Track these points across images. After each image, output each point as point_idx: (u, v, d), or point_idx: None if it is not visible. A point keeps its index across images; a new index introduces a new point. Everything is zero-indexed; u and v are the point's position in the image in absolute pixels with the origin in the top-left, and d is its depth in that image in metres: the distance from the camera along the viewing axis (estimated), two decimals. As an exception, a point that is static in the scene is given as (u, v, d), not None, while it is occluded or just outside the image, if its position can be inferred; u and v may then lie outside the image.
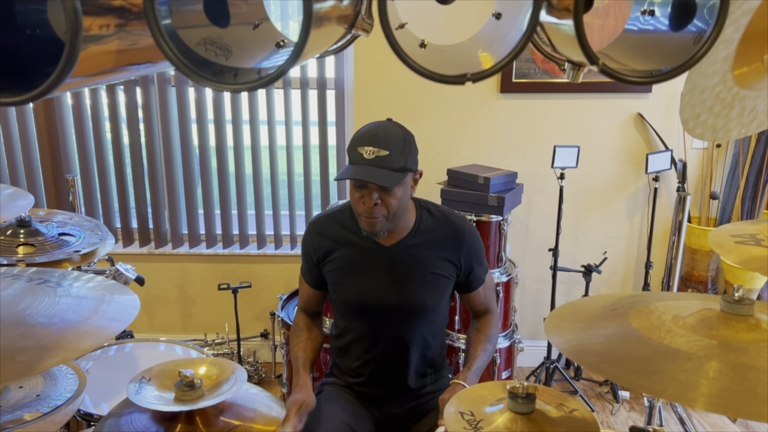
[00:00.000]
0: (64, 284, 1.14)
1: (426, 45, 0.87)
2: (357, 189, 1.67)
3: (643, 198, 3.27)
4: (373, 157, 1.62)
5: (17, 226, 1.81)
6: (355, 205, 1.70)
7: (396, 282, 1.78)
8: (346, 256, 1.81)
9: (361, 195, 1.66)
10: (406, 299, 1.78)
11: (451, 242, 1.80)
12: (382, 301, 1.78)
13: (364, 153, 1.62)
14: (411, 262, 1.78)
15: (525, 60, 3.08)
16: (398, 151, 1.64)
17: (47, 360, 0.88)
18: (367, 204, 1.65)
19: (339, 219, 1.85)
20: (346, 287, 1.83)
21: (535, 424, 1.10)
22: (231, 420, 1.16)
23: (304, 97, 3.15)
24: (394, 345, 1.81)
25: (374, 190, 1.64)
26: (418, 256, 1.79)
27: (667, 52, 0.85)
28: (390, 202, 1.66)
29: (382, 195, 1.65)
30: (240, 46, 0.79)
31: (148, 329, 3.49)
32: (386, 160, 1.62)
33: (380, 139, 1.64)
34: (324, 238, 1.83)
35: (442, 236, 1.81)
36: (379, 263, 1.79)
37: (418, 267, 1.78)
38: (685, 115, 1.18)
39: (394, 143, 1.65)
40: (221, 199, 3.32)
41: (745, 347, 0.92)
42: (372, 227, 1.69)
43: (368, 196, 1.65)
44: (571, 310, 1.14)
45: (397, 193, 1.67)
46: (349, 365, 1.88)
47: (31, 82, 0.62)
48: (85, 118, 3.20)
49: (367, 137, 1.65)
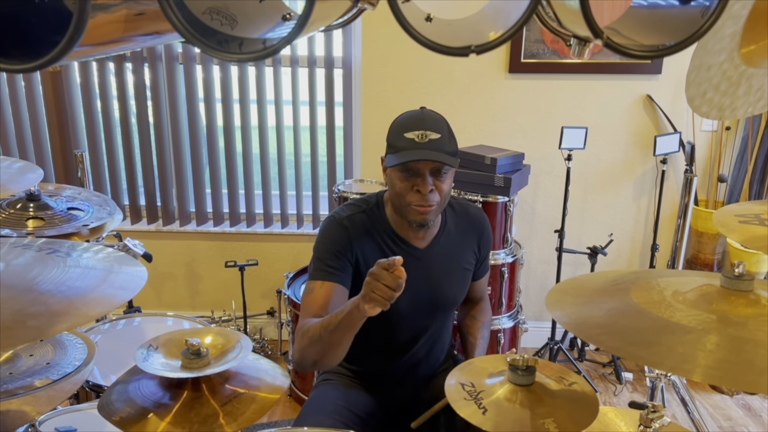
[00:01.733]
0: (73, 254, 1.16)
1: (432, 19, 0.87)
2: (407, 177, 1.56)
3: (651, 180, 3.26)
4: (427, 141, 1.52)
5: (27, 200, 1.83)
6: (405, 195, 1.58)
7: (430, 283, 1.71)
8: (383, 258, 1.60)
9: (413, 183, 1.56)
10: (438, 298, 1.73)
11: (473, 234, 1.79)
12: (412, 304, 1.66)
13: (414, 137, 1.53)
14: (446, 261, 1.73)
15: (534, 40, 3.06)
16: (448, 134, 1.58)
17: (57, 325, 0.90)
18: (423, 191, 1.55)
19: (370, 219, 1.69)
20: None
21: (535, 396, 1.12)
22: (236, 388, 1.18)
23: (312, 76, 3.15)
24: (412, 341, 1.75)
25: (428, 175, 1.55)
26: (450, 254, 1.74)
27: (675, 27, 0.85)
28: (443, 188, 1.58)
29: (436, 181, 1.56)
30: (246, 16, 0.79)
31: (156, 305, 3.53)
32: (440, 143, 1.54)
33: (429, 122, 1.56)
34: (359, 240, 1.65)
35: (465, 230, 1.78)
36: (415, 266, 1.63)
37: (452, 265, 1.74)
38: (690, 93, 1.18)
39: (443, 127, 1.57)
40: (228, 178, 3.34)
41: (743, 321, 0.93)
42: (425, 216, 1.59)
43: (423, 183, 1.55)
44: (573, 285, 1.15)
45: (448, 179, 1.60)
46: (360, 359, 1.80)
47: (39, 51, 0.63)
48: (93, 95, 3.22)
49: (413, 121, 1.56)
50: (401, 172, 1.57)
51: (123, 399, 1.16)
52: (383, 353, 1.77)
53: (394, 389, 1.80)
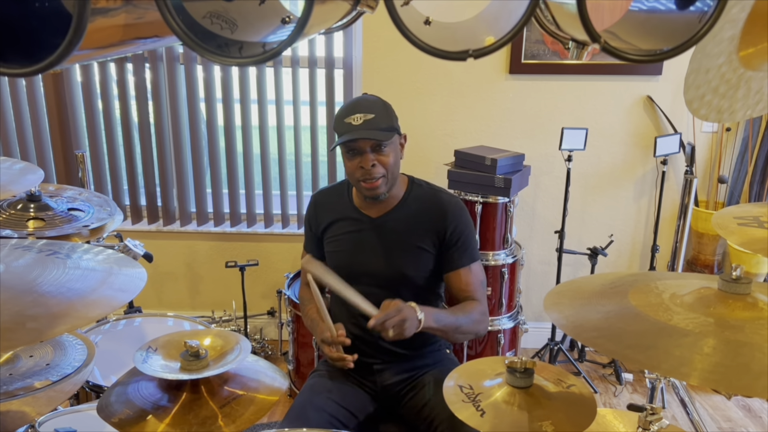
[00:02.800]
0: (73, 256, 1.16)
1: (431, 22, 0.88)
2: (352, 157, 1.78)
3: (651, 181, 3.26)
4: (362, 122, 1.73)
5: (27, 201, 1.83)
6: (353, 173, 1.80)
7: (382, 252, 1.87)
8: (341, 226, 1.93)
9: (358, 161, 1.77)
10: (389, 269, 1.86)
11: (435, 216, 1.86)
12: (369, 269, 1.86)
13: (352, 121, 1.73)
14: (395, 234, 1.87)
15: (534, 41, 3.06)
16: (382, 112, 1.76)
17: (57, 327, 0.90)
18: (365, 166, 1.75)
19: (338, 191, 1.99)
20: (338, 255, 1.93)
21: (533, 398, 1.12)
22: (235, 389, 1.18)
23: (312, 76, 3.15)
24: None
25: (369, 152, 1.75)
26: (401, 228, 1.87)
27: (673, 31, 0.85)
28: (385, 161, 1.77)
29: (377, 156, 1.76)
30: (245, 20, 0.80)
31: (157, 305, 3.53)
32: (374, 122, 1.73)
33: (363, 105, 1.76)
34: (323, 209, 1.98)
35: (427, 210, 1.87)
36: (368, 234, 1.89)
37: (401, 238, 1.86)
38: (689, 96, 1.18)
39: (377, 107, 1.77)
40: (229, 178, 3.34)
41: (740, 325, 0.93)
42: (374, 189, 1.79)
43: (365, 160, 1.75)
44: (571, 288, 1.16)
45: (390, 153, 1.78)
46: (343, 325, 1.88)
47: (39, 54, 0.63)
48: (94, 95, 3.22)
49: (350, 108, 1.77)
50: (346, 153, 1.79)
51: (122, 400, 1.17)
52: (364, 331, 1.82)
53: (379, 374, 1.87)
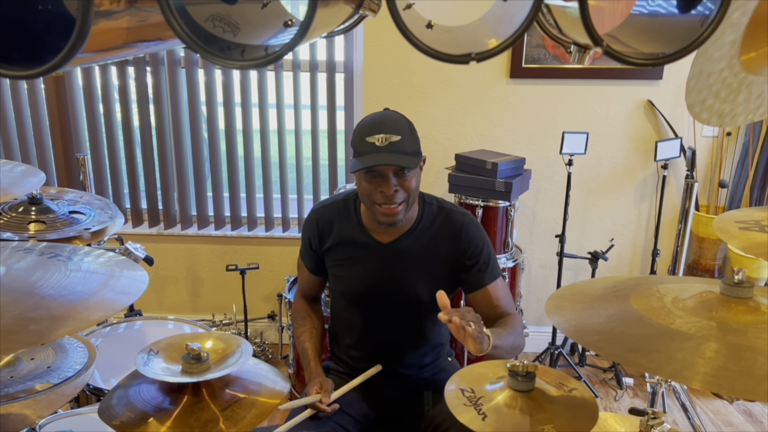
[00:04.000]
0: (74, 259, 1.16)
1: (433, 26, 0.88)
2: (372, 180, 1.63)
3: (652, 186, 3.26)
4: (387, 144, 1.59)
5: (29, 204, 1.84)
6: (370, 196, 1.66)
7: (396, 279, 1.77)
8: (346, 250, 1.81)
9: (378, 185, 1.63)
10: (404, 295, 1.77)
11: (450, 238, 1.76)
12: (381, 296, 1.78)
13: (375, 141, 1.59)
14: (409, 260, 1.76)
15: (535, 45, 3.07)
16: (408, 135, 1.63)
17: (58, 330, 0.90)
18: (386, 192, 1.61)
19: (342, 211, 1.82)
20: (345, 280, 1.83)
21: (535, 402, 1.12)
22: (236, 392, 1.18)
23: (313, 80, 3.16)
24: (390, 335, 1.82)
25: (391, 177, 1.61)
26: (415, 254, 1.76)
27: (675, 35, 0.85)
28: (408, 186, 1.64)
29: (400, 181, 1.62)
30: (248, 23, 0.80)
31: (157, 309, 3.53)
32: (399, 144, 1.60)
33: (389, 125, 1.61)
34: (326, 228, 1.82)
35: (441, 233, 1.77)
36: (379, 260, 1.77)
37: (416, 264, 1.76)
38: (690, 100, 1.18)
39: (403, 128, 1.63)
40: (230, 182, 3.35)
41: (743, 329, 0.93)
42: (393, 216, 1.66)
43: (386, 184, 1.61)
44: (573, 291, 1.16)
45: (413, 177, 1.65)
46: (346, 347, 1.90)
47: (42, 57, 0.63)
48: (96, 98, 3.23)
49: (374, 125, 1.63)
50: (366, 175, 1.64)
51: (123, 403, 1.17)
52: (369, 352, 1.85)
53: (382, 388, 1.84)
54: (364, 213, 1.79)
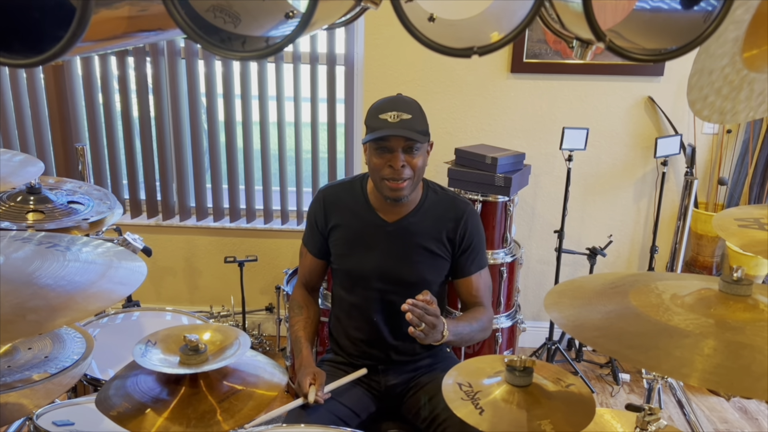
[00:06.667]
0: (73, 249, 1.16)
1: (435, 19, 0.87)
2: (381, 154, 1.72)
3: (651, 182, 3.26)
4: (398, 120, 1.69)
5: (27, 193, 1.83)
6: (379, 171, 1.74)
7: (400, 257, 1.83)
8: (351, 228, 1.87)
9: (387, 159, 1.72)
10: (409, 274, 1.83)
11: (450, 219, 1.85)
12: (386, 274, 1.84)
13: (388, 118, 1.69)
14: (413, 239, 1.84)
15: (537, 40, 3.06)
16: (419, 115, 1.74)
17: (56, 320, 0.90)
18: (395, 165, 1.71)
19: (349, 190, 1.91)
20: (348, 258, 1.88)
21: (532, 397, 1.12)
22: (234, 384, 1.18)
23: (314, 72, 3.15)
24: (391, 317, 1.85)
25: (400, 152, 1.71)
26: (419, 234, 1.84)
27: (678, 31, 0.85)
28: (414, 163, 1.73)
29: (408, 158, 1.72)
30: (249, 14, 0.79)
31: (155, 300, 3.53)
32: (411, 122, 1.70)
33: (401, 105, 1.72)
34: (333, 207, 1.90)
35: (443, 215, 1.85)
36: (384, 238, 1.85)
37: (419, 244, 1.84)
38: (692, 97, 1.18)
39: (414, 109, 1.74)
40: (229, 174, 3.34)
41: (741, 326, 0.93)
42: (398, 192, 1.74)
43: (395, 159, 1.71)
44: (572, 287, 1.16)
45: (420, 156, 1.75)
46: (347, 334, 1.92)
47: (42, 45, 0.63)
48: (95, 88, 3.21)
49: (387, 105, 1.73)
50: (376, 149, 1.73)
51: (121, 394, 1.16)
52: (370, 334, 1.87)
53: (383, 374, 1.87)
54: (371, 192, 1.88)
